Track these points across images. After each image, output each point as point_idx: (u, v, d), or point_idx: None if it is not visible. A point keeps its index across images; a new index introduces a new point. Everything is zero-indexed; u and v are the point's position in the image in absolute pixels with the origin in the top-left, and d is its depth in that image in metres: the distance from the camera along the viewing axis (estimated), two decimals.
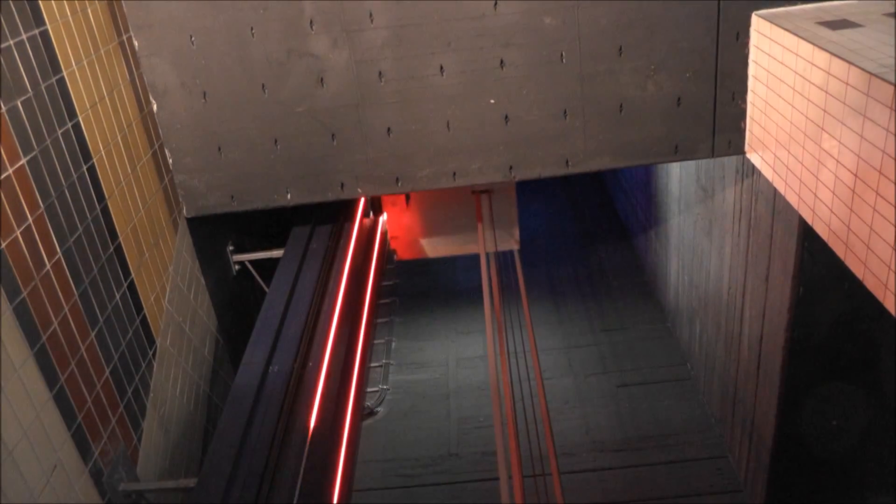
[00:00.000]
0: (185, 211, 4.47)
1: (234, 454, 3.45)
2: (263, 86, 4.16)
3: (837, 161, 3.18)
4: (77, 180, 3.38)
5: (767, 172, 4.00)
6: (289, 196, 4.42)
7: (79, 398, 3.17)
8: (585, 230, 9.89)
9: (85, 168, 3.46)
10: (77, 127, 3.44)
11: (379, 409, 7.06)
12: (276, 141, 4.28)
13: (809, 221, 3.52)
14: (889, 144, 2.76)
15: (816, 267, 4.09)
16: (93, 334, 3.35)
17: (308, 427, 3.74)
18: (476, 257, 6.42)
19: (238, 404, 3.76)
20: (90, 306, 3.35)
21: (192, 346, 4.43)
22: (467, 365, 7.52)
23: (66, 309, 3.16)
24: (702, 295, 6.29)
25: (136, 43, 4.07)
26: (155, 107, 4.21)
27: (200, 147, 4.30)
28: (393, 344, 7.93)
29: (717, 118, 4.24)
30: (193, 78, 4.15)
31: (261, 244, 5.40)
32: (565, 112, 4.22)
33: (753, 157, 4.20)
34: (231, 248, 5.19)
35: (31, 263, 2.96)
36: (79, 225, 3.35)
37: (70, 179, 3.32)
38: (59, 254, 3.16)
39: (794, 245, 4.23)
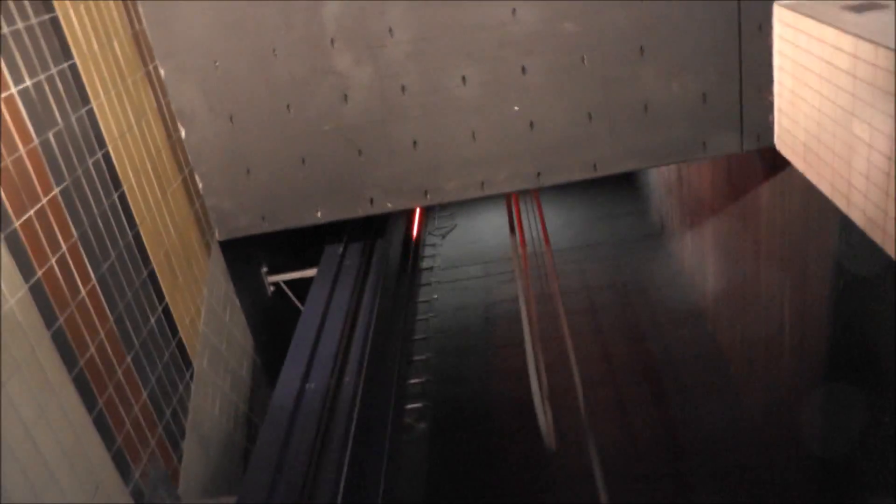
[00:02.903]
0: (217, 234, 4.53)
1: (273, 471, 3.45)
2: (289, 106, 4.21)
3: (870, 146, 3.09)
4: (108, 208, 3.44)
5: (799, 164, 3.92)
6: (319, 214, 4.45)
7: (117, 420, 3.21)
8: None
9: (116, 196, 3.52)
10: (107, 156, 3.51)
11: None
12: (303, 160, 4.32)
13: (845, 210, 3.43)
14: None
15: (856, 258, 3.98)
16: (129, 358, 3.40)
17: (346, 443, 3.74)
18: None
19: (275, 422, 3.77)
20: (126, 330, 3.40)
21: (229, 367, 4.47)
22: None
23: (103, 334, 3.21)
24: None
25: (162, 71, 4.15)
26: (183, 133, 4.28)
27: (229, 170, 4.36)
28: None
29: (745, 113, 4.17)
30: (220, 102, 4.21)
31: (295, 264, 5.44)
32: (590, 116, 4.19)
33: (784, 149, 4.12)
34: (265, 269, 5.24)
35: (66, 290, 3.01)
36: (112, 252, 3.41)
37: (101, 207, 3.38)
38: (94, 280, 3.22)
39: (832, 237, 4.13)
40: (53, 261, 2.96)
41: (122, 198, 3.59)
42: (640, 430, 6.29)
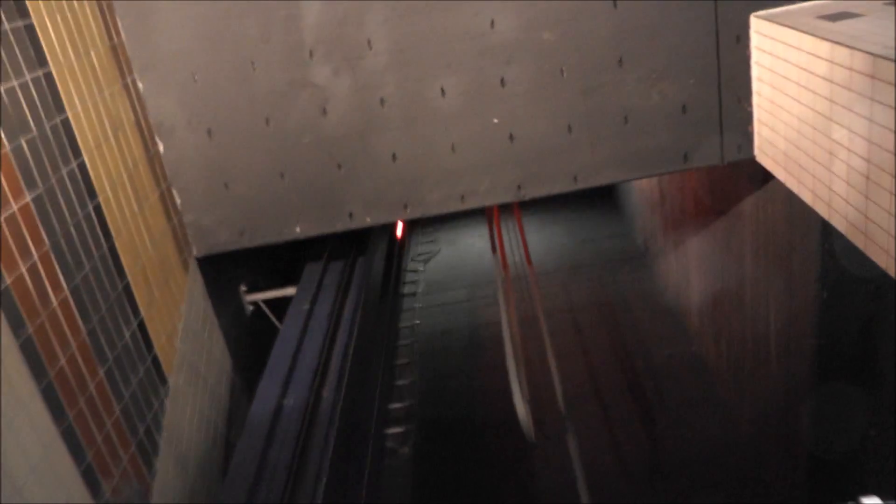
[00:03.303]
0: (195, 251, 4.46)
1: (250, 487, 3.37)
2: (267, 119, 4.18)
3: (849, 150, 3.10)
4: (83, 218, 3.38)
5: (780, 173, 3.92)
6: (298, 229, 4.40)
7: (88, 435, 3.11)
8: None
9: (91, 207, 3.46)
10: (82, 166, 3.45)
11: None
12: (282, 174, 4.28)
13: (826, 217, 3.42)
14: None
15: (838, 267, 3.98)
16: (102, 372, 3.31)
17: (325, 459, 3.65)
18: None
19: (253, 437, 3.69)
20: (98, 344, 3.32)
21: (207, 386, 4.37)
22: None
23: (74, 346, 3.13)
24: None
25: (140, 84, 4.12)
26: (161, 147, 4.24)
27: (208, 184, 4.31)
28: None
29: (724, 123, 4.18)
30: (198, 115, 4.17)
31: (275, 283, 5.37)
32: (570, 127, 4.19)
33: (764, 160, 4.13)
34: (244, 288, 5.17)
35: (36, 300, 2.93)
36: (86, 263, 3.34)
37: (76, 217, 3.32)
38: (67, 291, 3.14)
39: (814, 246, 4.13)
40: (24, 269, 2.88)
41: (98, 209, 3.52)
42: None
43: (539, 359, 6.33)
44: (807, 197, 3.61)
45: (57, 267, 3.11)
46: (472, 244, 10.42)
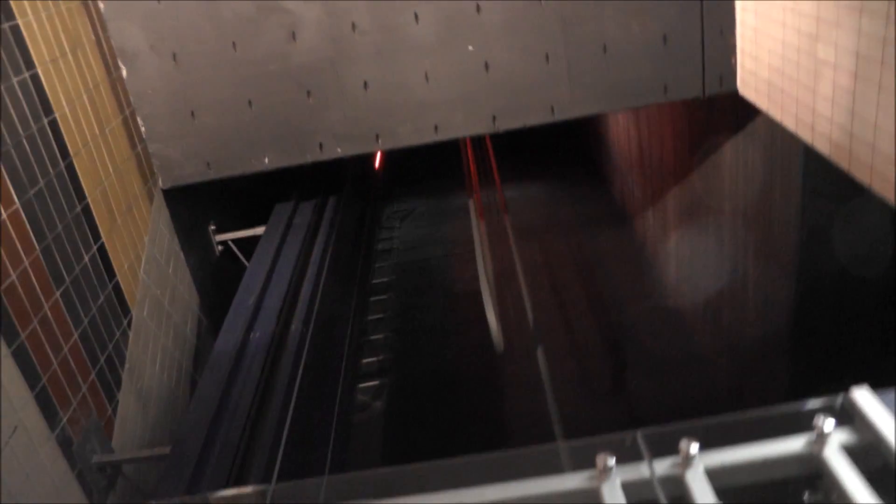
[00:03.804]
0: (160, 182, 4.30)
1: (211, 419, 3.23)
2: (234, 44, 4.01)
3: (835, 66, 3.01)
4: (37, 132, 3.21)
5: (763, 103, 3.83)
6: (266, 160, 4.25)
7: (43, 358, 2.97)
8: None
9: (46, 121, 3.29)
10: (35, 78, 3.28)
11: None
12: (250, 102, 4.13)
13: (810, 142, 3.34)
14: (889, 31, 2.60)
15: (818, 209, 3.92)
16: (58, 293, 3.16)
17: (291, 391, 3.54)
18: None
19: (216, 369, 3.56)
20: (54, 263, 3.17)
21: (172, 322, 4.23)
22: None
23: (27, 262, 2.98)
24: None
25: (101, 5, 3.93)
26: (124, 72, 4.06)
27: (173, 113, 4.15)
28: None
29: (707, 54, 4.08)
30: (162, 39, 4.00)
31: (244, 225, 5.22)
32: (547, 56, 4.07)
33: (747, 92, 4.04)
34: (213, 227, 5.01)
35: None
36: (40, 178, 3.18)
37: (29, 130, 3.15)
38: (17, 204, 2.99)
39: (797, 185, 4.06)
40: None
41: (54, 124, 3.35)
42: None
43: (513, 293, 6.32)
44: (790, 123, 3.53)
45: (8, 180, 2.96)
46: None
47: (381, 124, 4.17)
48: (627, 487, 1.52)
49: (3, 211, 2.88)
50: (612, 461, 1.52)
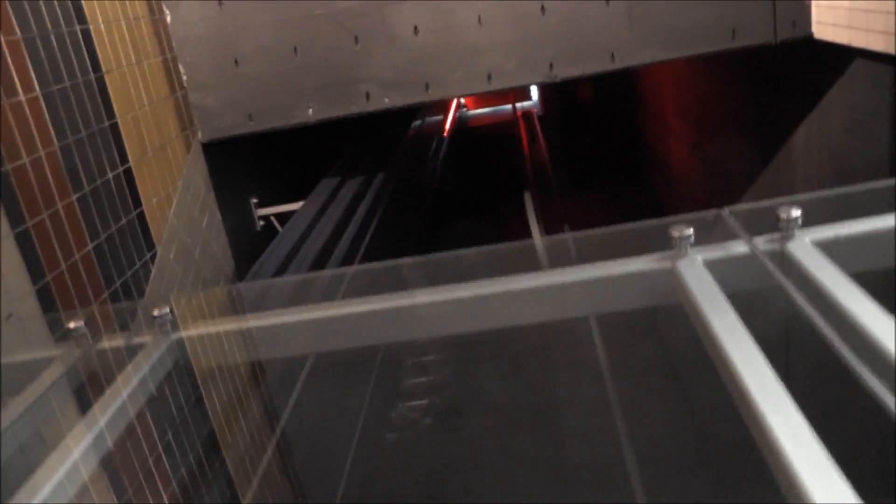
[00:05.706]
0: (200, 135, 4.15)
1: None
2: None
3: None
4: (68, 36, 3.09)
5: (843, 37, 3.49)
6: (310, 111, 4.07)
7: (50, 256, 2.75)
8: None
9: (78, 28, 3.18)
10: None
11: None
12: (295, 49, 3.98)
13: None
14: None
15: None
16: (74, 196, 2.97)
17: None
18: None
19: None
20: (73, 166, 2.99)
21: (201, 276, 4.00)
22: None
23: (43, 153, 2.80)
24: None
25: None
26: (168, 17, 3.98)
27: (216, 61, 4.03)
28: None
29: None
30: None
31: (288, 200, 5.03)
32: None
33: (823, 33, 3.70)
34: (255, 200, 4.83)
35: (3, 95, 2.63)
36: (66, 78, 3.03)
37: (59, 30, 3.03)
38: (38, 91, 2.84)
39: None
40: None
41: (87, 34, 3.24)
42: None
43: None
44: (879, 43, 3.17)
45: (32, 72, 2.82)
46: None
47: (430, 72, 3.97)
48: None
49: (22, 93, 2.73)
50: (689, 231, 1.39)
